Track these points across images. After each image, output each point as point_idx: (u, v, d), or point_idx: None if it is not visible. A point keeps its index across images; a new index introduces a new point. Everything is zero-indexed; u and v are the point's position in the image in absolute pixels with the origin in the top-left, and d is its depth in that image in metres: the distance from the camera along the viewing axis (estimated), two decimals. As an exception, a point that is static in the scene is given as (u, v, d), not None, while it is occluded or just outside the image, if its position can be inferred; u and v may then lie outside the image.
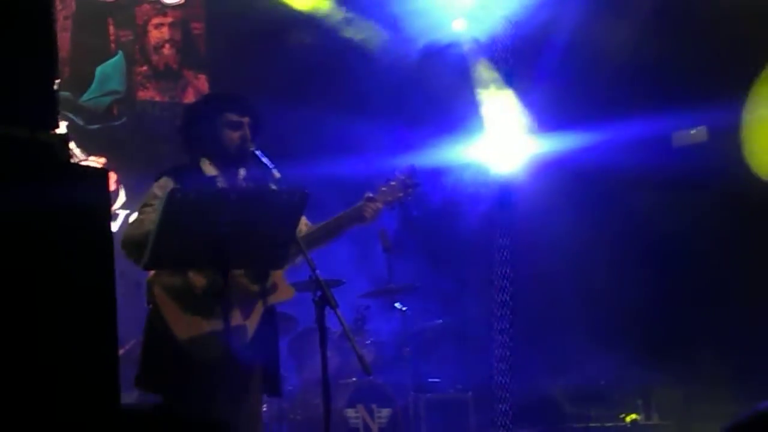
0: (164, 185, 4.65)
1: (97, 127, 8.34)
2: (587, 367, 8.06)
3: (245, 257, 4.49)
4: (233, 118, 4.88)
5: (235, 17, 8.62)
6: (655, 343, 7.87)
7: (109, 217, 2.74)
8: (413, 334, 7.92)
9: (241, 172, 4.91)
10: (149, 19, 8.71)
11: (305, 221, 4.94)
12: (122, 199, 8.10)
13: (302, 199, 4.51)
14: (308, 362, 7.36)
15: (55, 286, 2.34)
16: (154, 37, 8.73)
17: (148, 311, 4.70)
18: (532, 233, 8.68)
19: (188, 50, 8.86)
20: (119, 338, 2.53)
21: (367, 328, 7.83)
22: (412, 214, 5.74)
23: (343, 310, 4.60)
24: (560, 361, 8.34)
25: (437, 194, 8.43)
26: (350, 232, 5.12)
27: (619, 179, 8.20)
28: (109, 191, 2.68)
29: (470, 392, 8.26)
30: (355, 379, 7.45)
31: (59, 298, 2.34)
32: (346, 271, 7.40)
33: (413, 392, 7.79)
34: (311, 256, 4.68)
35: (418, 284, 7.95)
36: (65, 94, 8.00)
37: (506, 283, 8.98)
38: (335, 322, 4.63)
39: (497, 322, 8.95)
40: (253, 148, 4.80)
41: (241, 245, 4.36)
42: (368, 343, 7.72)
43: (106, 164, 8.06)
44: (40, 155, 2.41)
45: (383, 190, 5.19)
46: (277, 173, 4.70)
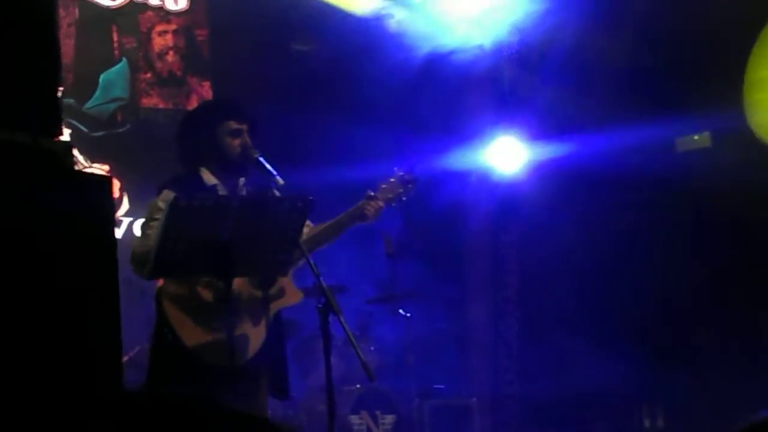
0: (166, 198, 4.64)
1: (100, 134, 8.33)
2: (593, 372, 8.04)
3: (249, 264, 4.50)
4: (233, 125, 4.88)
5: (238, 24, 8.62)
6: (661, 347, 7.85)
7: (112, 224, 2.74)
8: (417, 339, 7.92)
9: (241, 180, 4.91)
10: (153, 26, 8.71)
11: (308, 223, 4.94)
12: (126, 206, 8.10)
13: (306, 205, 4.51)
14: (312, 369, 7.35)
15: (58, 293, 2.34)
16: (157, 44, 8.73)
17: (155, 321, 4.70)
18: (536, 238, 8.67)
19: (192, 57, 8.85)
20: (124, 345, 2.53)
21: (370, 334, 7.83)
22: (411, 213, 5.72)
23: (346, 316, 4.61)
24: (565, 366, 8.33)
25: (441, 199, 8.43)
26: (354, 237, 5.12)
27: (622, 184, 8.19)
28: (112, 198, 2.68)
29: (474, 398, 8.25)
30: (359, 385, 7.45)
31: (62, 305, 2.34)
32: (349, 277, 7.40)
33: (417, 398, 7.78)
34: (313, 257, 4.68)
35: (421, 290, 7.95)
36: (69, 101, 8.00)
37: (510, 288, 8.97)
38: (339, 328, 4.63)
39: (501, 327, 8.94)
40: (257, 154, 4.80)
41: (244, 252, 4.36)
42: (372, 349, 7.71)
43: (109, 171, 8.05)
44: (43, 162, 2.41)
45: (383, 187, 5.19)
46: (280, 180, 4.71)
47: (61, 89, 2.56)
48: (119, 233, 7.68)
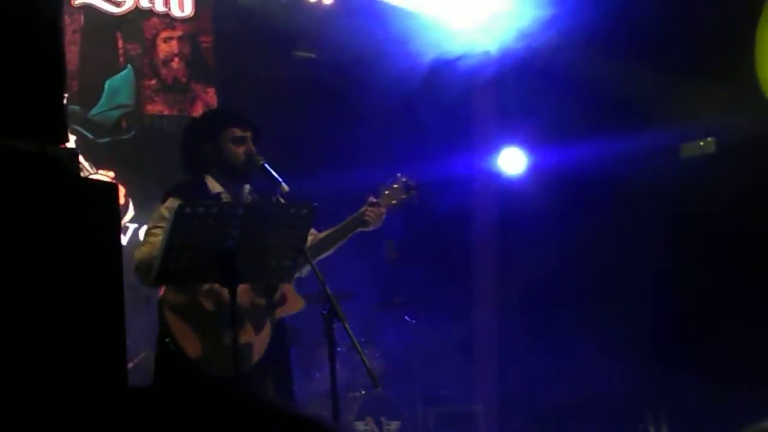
0: (171, 205, 4.65)
1: (106, 140, 8.35)
2: (597, 378, 8.03)
3: (253, 271, 4.50)
4: (237, 133, 4.89)
5: (243, 30, 8.63)
6: (666, 353, 7.84)
7: (118, 231, 2.75)
8: (422, 345, 7.91)
9: (246, 187, 4.91)
10: (158, 32, 8.73)
11: (312, 231, 4.94)
12: (131, 212, 8.11)
13: (311, 212, 4.51)
14: (317, 375, 7.35)
15: (64, 299, 2.35)
16: (162, 50, 8.74)
17: (158, 329, 4.71)
18: (540, 243, 8.66)
19: (197, 64, 8.87)
20: (128, 352, 2.54)
21: (375, 340, 7.82)
22: (415, 219, 5.70)
23: (351, 322, 4.60)
24: (570, 372, 8.31)
25: (445, 205, 8.43)
26: (358, 243, 5.12)
27: (627, 190, 8.19)
28: (118, 205, 2.69)
29: (480, 404, 8.25)
30: (363, 391, 7.44)
31: (68, 311, 2.35)
32: (354, 283, 7.40)
33: (422, 404, 7.78)
34: (317, 263, 4.68)
35: (425, 296, 7.94)
36: (74, 107, 8.01)
37: (514, 293, 8.96)
38: (344, 334, 4.63)
39: (506, 332, 8.93)
40: (261, 161, 4.80)
41: (249, 259, 4.36)
42: (377, 355, 7.71)
43: (114, 178, 8.06)
44: (49, 169, 2.42)
45: (386, 193, 5.19)
46: (285, 186, 4.71)
47: (66, 96, 2.57)
48: (125, 240, 7.69)
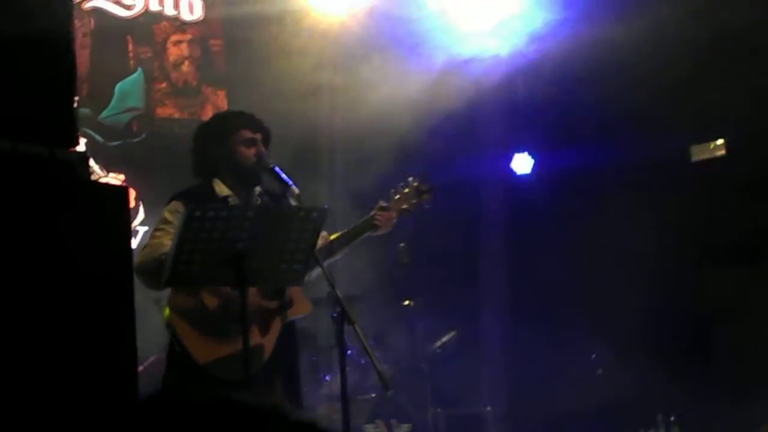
0: (175, 210, 4.65)
1: (116, 143, 8.36)
2: (608, 381, 8.02)
3: (264, 274, 4.48)
4: (247, 135, 4.88)
5: (253, 33, 8.64)
6: (677, 357, 7.82)
7: (129, 234, 2.75)
8: (432, 348, 7.90)
9: (256, 189, 4.91)
10: (168, 36, 8.74)
11: (323, 233, 4.92)
12: (141, 215, 8.13)
13: (321, 215, 4.50)
14: (327, 378, 7.35)
15: (74, 303, 2.35)
16: (173, 54, 8.76)
17: (168, 335, 4.71)
18: (551, 246, 8.64)
19: (207, 67, 8.88)
20: (139, 355, 2.54)
21: (385, 343, 7.81)
22: (425, 221, 5.65)
23: (361, 325, 4.59)
24: (580, 374, 8.30)
25: (455, 207, 8.42)
26: (369, 246, 5.10)
27: (638, 191, 8.17)
28: (128, 209, 2.69)
29: (490, 407, 8.23)
30: (374, 394, 7.43)
31: (79, 315, 2.35)
32: (364, 286, 7.39)
33: (433, 407, 7.76)
34: (328, 266, 4.67)
35: (436, 298, 7.93)
36: (85, 111, 8.03)
37: (525, 297, 8.94)
38: (354, 338, 4.62)
39: (517, 335, 8.91)
40: (272, 164, 4.80)
41: (259, 262, 4.35)
42: (387, 358, 7.69)
43: (125, 181, 8.08)
44: (60, 173, 2.42)
45: (396, 198, 5.16)
46: (295, 189, 4.70)
47: (77, 99, 2.57)
48: (135, 243, 7.70)
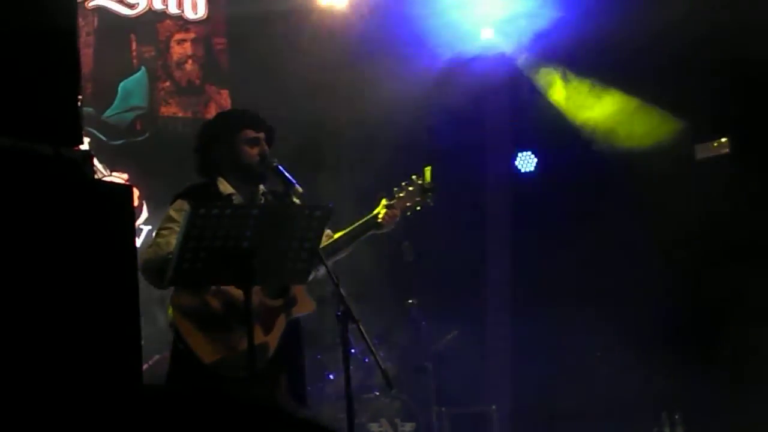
0: (180, 208, 4.65)
1: (120, 142, 8.37)
2: (613, 379, 8.01)
3: (268, 272, 4.48)
4: (251, 134, 4.89)
5: (256, 32, 8.64)
6: (682, 354, 7.81)
7: (133, 233, 2.74)
8: (436, 347, 7.90)
9: (260, 188, 4.91)
10: (172, 35, 8.74)
11: (327, 232, 4.92)
12: (145, 214, 8.13)
13: (325, 213, 4.50)
14: (331, 377, 7.35)
15: (78, 302, 2.34)
16: (176, 52, 8.76)
17: (173, 334, 4.71)
18: (555, 243, 8.64)
19: (211, 66, 8.88)
20: (143, 353, 2.53)
21: (389, 341, 7.81)
22: (428, 219, 5.63)
23: (365, 324, 4.59)
24: (584, 372, 8.29)
25: (459, 204, 8.42)
26: (374, 244, 5.10)
27: (642, 189, 8.17)
28: (133, 208, 2.69)
29: (494, 405, 8.23)
30: (378, 393, 7.44)
31: (83, 313, 2.35)
32: (368, 284, 7.39)
33: (437, 406, 7.76)
34: (332, 264, 4.67)
35: (440, 297, 7.93)
36: (88, 109, 8.03)
37: (529, 294, 8.94)
38: (358, 336, 4.61)
39: (520, 333, 8.91)
40: (275, 162, 4.80)
41: (263, 260, 4.35)
42: (392, 357, 7.70)
43: (128, 180, 8.08)
44: (63, 172, 2.42)
45: (400, 196, 5.16)
46: (299, 188, 4.70)
47: (80, 98, 2.57)
48: (139, 242, 7.70)
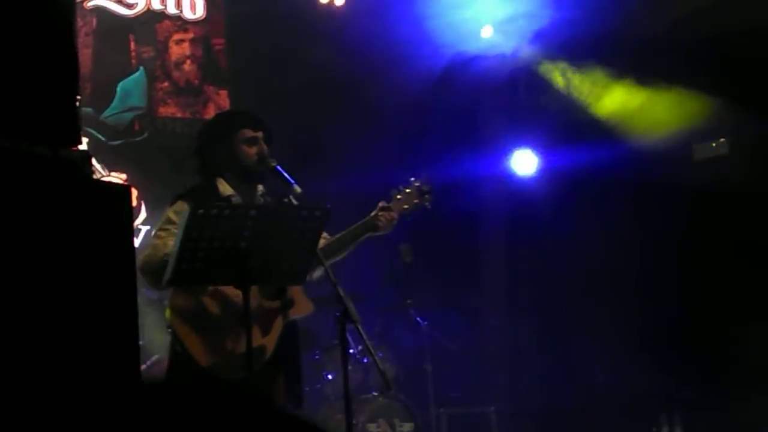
0: (179, 209, 4.65)
1: (118, 142, 8.37)
2: (611, 380, 8.02)
3: (266, 273, 4.49)
4: (249, 134, 4.89)
5: (255, 33, 8.64)
6: (680, 355, 7.82)
7: (131, 234, 2.74)
8: (435, 347, 7.90)
9: (259, 188, 4.91)
10: (170, 35, 8.74)
11: (324, 234, 4.92)
12: (143, 214, 8.13)
13: (324, 214, 4.50)
14: (329, 377, 7.35)
15: (76, 302, 2.34)
16: (175, 53, 8.75)
17: (170, 334, 4.71)
18: (553, 246, 8.65)
19: (209, 66, 8.88)
20: (142, 354, 2.53)
21: (388, 342, 7.81)
22: (427, 221, 5.63)
23: (364, 325, 4.59)
24: (583, 374, 8.30)
25: (457, 207, 8.42)
26: (372, 246, 5.10)
27: (640, 190, 8.17)
28: (131, 208, 2.69)
29: (492, 407, 8.23)
30: (376, 393, 7.43)
31: (81, 314, 2.35)
32: (367, 285, 7.39)
33: (435, 406, 7.76)
34: (331, 265, 4.67)
35: (438, 298, 7.93)
36: (87, 110, 8.03)
37: (527, 296, 8.94)
38: (357, 337, 4.61)
39: (519, 335, 8.91)
40: (274, 163, 4.80)
41: (261, 261, 4.36)
42: (390, 358, 7.70)
43: (127, 180, 8.08)
44: (62, 172, 2.41)
45: (398, 198, 5.16)
46: (298, 188, 4.70)
47: (79, 98, 2.57)
48: (137, 242, 7.70)
